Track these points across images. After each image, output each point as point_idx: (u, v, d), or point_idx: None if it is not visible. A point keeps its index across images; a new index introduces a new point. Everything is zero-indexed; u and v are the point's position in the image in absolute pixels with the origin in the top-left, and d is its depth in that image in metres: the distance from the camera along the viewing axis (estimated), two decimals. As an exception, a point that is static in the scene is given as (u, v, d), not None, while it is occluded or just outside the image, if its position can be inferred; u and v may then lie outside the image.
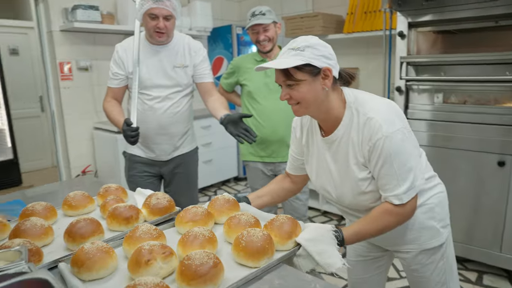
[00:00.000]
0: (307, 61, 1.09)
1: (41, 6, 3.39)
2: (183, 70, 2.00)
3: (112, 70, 2.00)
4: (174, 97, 2.00)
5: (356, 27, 3.50)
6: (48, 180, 4.91)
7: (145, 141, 2.04)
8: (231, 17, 4.92)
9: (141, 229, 1.06)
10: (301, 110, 1.18)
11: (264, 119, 2.26)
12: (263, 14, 2.16)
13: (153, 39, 1.92)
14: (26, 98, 5.20)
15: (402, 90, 2.62)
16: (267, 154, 2.33)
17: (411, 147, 1.14)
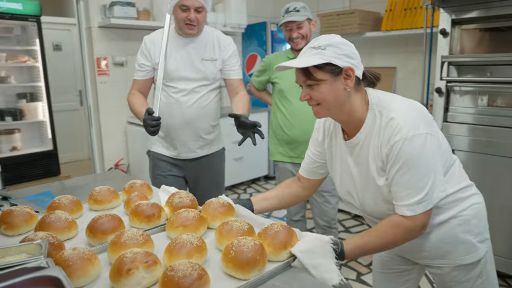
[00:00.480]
0: (328, 60, 1.04)
1: (81, 3, 3.49)
2: (212, 63, 1.94)
3: (138, 61, 1.97)
4: (201, 90, 1.94)
5: (395, 25, 3.35)
6: (84, 171, 5.09)
7: (169, 136, 1.99)
8: (265, 14, 4.87)
9: (127, 235, 1.00)
10: (322, 111, 1.13)
11: (295, 119, 2.21)
12: (297, 10, 2.10)
13: (183, 32, 1.87)
14: (67, 92, 5.41)
15: (442, 92, 2.47)
16: (297, 155, 2.27)
17: (433, 155, 1.04)
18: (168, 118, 1.91)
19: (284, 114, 2.25)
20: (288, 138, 2.25)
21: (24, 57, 4.59)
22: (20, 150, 4.62)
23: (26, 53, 4.64)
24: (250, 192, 4.28)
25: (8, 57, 4.52)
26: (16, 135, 4.62)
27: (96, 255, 0.95)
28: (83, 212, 1.35)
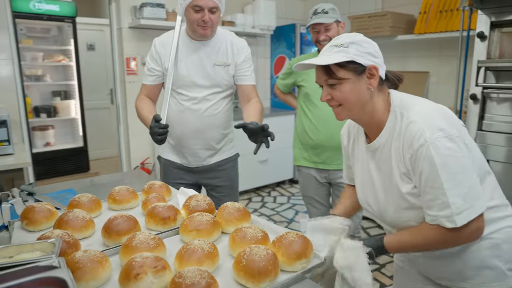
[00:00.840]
0: (351, 58, 1.00)
1: (113, 5, 3.57)
2: (224, 69, 1.82)
3: (148, 66, 1.87)
4: (213, 98, 1.84)
5: (429, 28, 3.22)
6: (112, 168, 5.21)
7: (179, 145, 1.90)
8: (295, 16, 4.82)
9: (138, 238, 0.98)
10: (343, 113, 1.08)
11: (321, 124, 2.15)
12: (325, 12, 2.03)
13: (196, 34, 1.75)
14: (99, 91, 5.56)
15: (478, 98, 2.34)
16: (321, 161, 2.21)
17: (465, 158, 0.95)
18: (177, 126, 1.84)
19: (310, 119, 2.20)
20: (313, 143, 2.20)
21: (59, 57, 4.76)
22: (53, 146, 4.80)
23: (62, 52, 4.81)
24: (274, 196, 4.24)
25: (45, 56, 4.71)
26: (50, 131, 4.80)
27: (107, 258, 0.94)
28: (102, 211, 1.35)
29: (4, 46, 3.01)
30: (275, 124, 4.16)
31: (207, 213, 1.15)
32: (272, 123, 4.14)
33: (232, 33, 1.91)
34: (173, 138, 1.89)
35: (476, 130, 2.38)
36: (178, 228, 1.16)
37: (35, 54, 4.59)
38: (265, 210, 3.79)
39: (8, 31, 3.02)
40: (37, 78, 4.67)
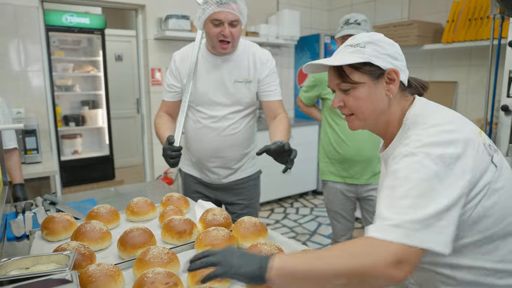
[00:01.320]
0: (368, 59, 0.89)
1: (140, 17, 3.66)
2: (245, 86, 1.71)
3: (167, 81, 1.79)
4: (233, 117, 1.73)
5: (457, 36, 3.13)
6: (136, 176, 5.29)
7: (198, 161, 1.84)
8: (319, 26, 4.80)
9: (152, 252, 0.97)
10: (356, 122, 0.96)
11: (348, 137, 2.09)
12: (358, 23, 1.93)
13: (216, 50, 1.65)
14: (125, 100, 5.69)
15: (510, 110, 2.24)
16: (350, 175, 2.15)
17: (449, 183, 0.77)
18: (196, 144, 1.79)
19: (336, 132, 2.14)
20: (340, 157, 2.13)
21: (88, 67, 4.91)
22: (80, 154, 4.93)
23: (91, 63, 4.97)
24: (297, 207, 4.19)
25: (75, 67, 4.88)
26: (78, 139, 4.94)
27: (120, 272, 0.94)
28: (120, 222, 1.36)
29: (37, 58, 3.13)
30: (298, 134, 4.14)
31: (223, 228, 1.14)
32: (296, 133, 4.11)
33: (255, 45, 1.79)
34: (193, 154, 1.84)
35: (508, 143, 2.27)
36: (193, 242, 1.15)
37: (66, 65, 4.76)
38: (287, 222, 3.74)
39: (41, 44, 3.15)
40: (67, 88, 4.84)
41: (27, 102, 3.12)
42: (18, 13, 2.99)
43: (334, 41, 4.38)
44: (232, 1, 1.55)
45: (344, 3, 4.59)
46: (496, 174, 0.85)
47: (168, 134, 1.57)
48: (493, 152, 0.89)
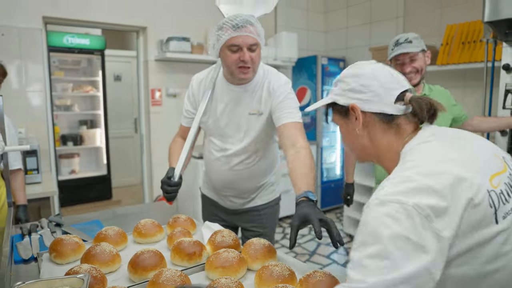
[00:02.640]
0: (333, 99, 0.91)
1: (141, 38, 3.73)
2: (257, 118, 1.58)
3: (185, 106, 1.72)
4: (245, 151, 1.62)
5: (452, 59, 3.22)
6: (134, 196, 5.27)
7: (214, 189, 1.79)
8: (316, 47, 4.90)
9: (165, 275, 0.97)
10: (360, 157, 0.97)
11: None
12: (409, 41, 1.81)
13: (235, 78, 1.51)
14: (124, 120, 5.72)
15: (506, 131, 2.29)
16: None
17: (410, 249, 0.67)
18: (210, 174, 1.74)
19: None
20: None
21: (87, 87, 4.95)
22: (77, 173, 4.92)
23: (90, 83, 5.01)
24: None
25: (74, 87, 4.92)
26: (75, 159, 4.93)
27: (134, 295, 0.94)
28: (127, 244, 1.36)
29: (39, 78, 3.16)
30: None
31: (233, 250, 1.14)
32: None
33: (273, 70, 1.63)
34: (210, 180, 1.79)
35: (505, 163, 2.31)
36: (203, 264, 1.16)
37: (66, 85, 4.80)
38: (286, 242, 3.73)
39: (43, 64, 3.19)
40: (66, 107, 4.86)
41: (28, 122, 3.14)
42: (23, 35, 3.04)
43: (334, 62, 4.50)
44: (248, 23, 1.42)
45: (340, 26, 4.71)
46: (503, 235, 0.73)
47: (175, 164, 1.54)
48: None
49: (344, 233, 3.95)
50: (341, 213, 4.60)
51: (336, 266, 3.21)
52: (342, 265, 3.25)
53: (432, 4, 3.66)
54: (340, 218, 4.44)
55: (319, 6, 4.90)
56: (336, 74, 4.56)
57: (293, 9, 4.66)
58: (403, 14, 3.95)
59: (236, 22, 1.41)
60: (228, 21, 1.43)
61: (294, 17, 4.68)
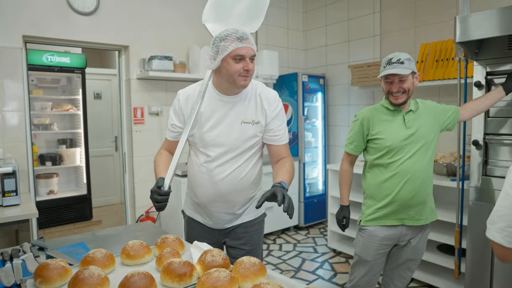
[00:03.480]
0: None
1: (123, 57, 3.73)
2: (253, 127, 1.65)
3: (170, 121, 1.74)
4: (238, 160, 1.67)
5: (427, 76, 3.35)
6: (115, 216, 5.16)
7: (201, 206, 1.78)
8: (297, 65, 5.01)
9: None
10: None
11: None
12: (401, 62, 1.87)
13: (236, 85, 1.58)
14: (103, 138, 5.64)
15: (480, 145, 2.39)
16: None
17: None
18: (198, 188, 1.73)
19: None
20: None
21: (67, 106, 4.88)
22: (56, 193, 4.79)
23: (70, 101, 4.94)
24: (280, 243, 4.18)
25: (53, 105, 4.83)
26: (54, 179, 4.81)
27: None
28: (115, 267, 1.34)
29: (17, 97, 3.11)
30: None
31: (224, 269, 1.15)
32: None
33: (261, 84, 1.74)
34: (196, 197, 1.78)
35: (481, 175, 2.40)
36: (194, 285, 1.15)
37: (44, 103, 4.71)
38: (271, 259, 3.72)
39: (22, 83, 3.14)
40: (44, 126, 4.76)
41: (5, 142, 3.06)
42: (2, 54, 2.99)
43: (314, 79, 4.59)
44: (249, 36, 1.56)
45: (320, 44, 4.84)
46: None
47: (164, 174, 1.55)
48: None
49: (328, 248, 3.97)
50: (325, 228, 4.63)
51: (322, 282, 3.22)
52: (327, 280, 3.26)
53: (407, 24, 3.82)
54: (324, 233, 4.47)
55: (299, 25, 5.03)
56: (317, 91, 4.66)
57: (274, 28, 4.76)
58: (379, 32, 4.10)
59: (240, 34, 1.53)
60: (232, 34, 1.53)
61: (275, 36, 4.78)
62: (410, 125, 1.96)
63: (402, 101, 1.93)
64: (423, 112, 2.02)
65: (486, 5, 3.00)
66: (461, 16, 2.25)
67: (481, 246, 2.39)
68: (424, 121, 1.99)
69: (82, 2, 3.34)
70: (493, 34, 2.11)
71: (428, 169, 2.00)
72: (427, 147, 1.98)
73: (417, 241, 2.08)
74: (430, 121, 2.01)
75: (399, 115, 1.99)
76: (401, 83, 1.89)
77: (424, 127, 1.98)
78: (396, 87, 1.90)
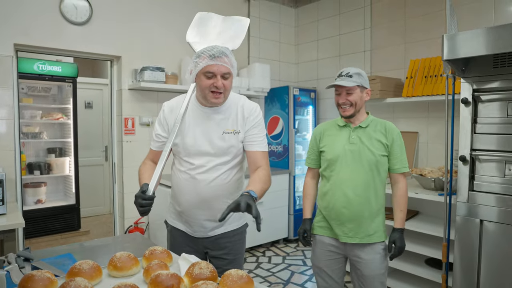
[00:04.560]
0: None
1: (115, 68, 3.73)
2: (234, 136, 1.73)
3: (155, 131, 1.82)
4: (221, 168, 1.73)
5: (416, 91, 3.41)
6: (103, 227, 5.10)
7: (184, 213, 1.81)
8: (288, 78, 5.06)
9: None
10: None
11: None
12: (349, 76, 1.96)
13: (208, 101, 1.67)
14: (93, 147, 5.61)
15: (467, 160, 2.43)
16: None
17: None
18: (183, 196, 1.77)
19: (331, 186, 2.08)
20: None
21: (57, 115, 4.85)
22: (44, 203, 4.72)
23: (60, 110, 4.91)
24: (269, 255, 4.16)
25: (43, 114, 4.79)
26: (42, 188, 4.75)
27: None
28: (102, 278, 1.33)
29: (7, 105, 3.09)
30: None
31: (212, 282, 1.14)
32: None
33: (244, 97, 1.83)
34: (179, 205, 1.82)
35: (468, 190, 2.44)
36: (181, 298, 1.15)
37: (34, 112, 4.67)
38: (260, 271, 3.70)
39: (13, 91, 3.12)
40: (33, 135, 4.72)
41: (-7, 151, 3.03)
42: (-8, 63, 2.98)
43: (305, 93, 4.64)
44: (224, 55, 1.62)
45: (311, 58, 4.91)
46: None
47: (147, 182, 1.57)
48: None
49: (318, 261, 3.96)
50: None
51: (311, 295, 3.21)
52: (316, 293, 3.24)
53: (397, 40, 3.90)
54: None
55: (291, 39, 5.10)
56: (308, 104, 4.71)
57: (265, 41, 4.82)
58: (370, 48, 4.18)
59: (213, 52, 1.62)
60: (206, 51, 1.63)
61: (266, 49, 4.84)
62: (354, 141, 1.99)
63: (349, 114, 1.99)
64: (378, 131, 2.01)
65: (473, 24, 3.09)
66: (448, 34, 2.31)
67: (468, 260, 2.41)
68: (373, 140, 1.99)
69: (75, 12, 3.35)
70: (479, 53, 2.16)
71: (369, 187, 1.97)
72: (373, 165, 1.96)
73: (367, 254, 1.99)
74: (379, 143, 1.99)
75: (346, 130, 2.05)
76: (347, 96, 1.96)
77: (371, 145, 1.97)
78: (343, 99, 1.98)
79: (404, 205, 2.05)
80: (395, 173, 2.04)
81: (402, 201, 2.05)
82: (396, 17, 3.89)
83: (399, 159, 2.01)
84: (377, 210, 2.01)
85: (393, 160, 2.02)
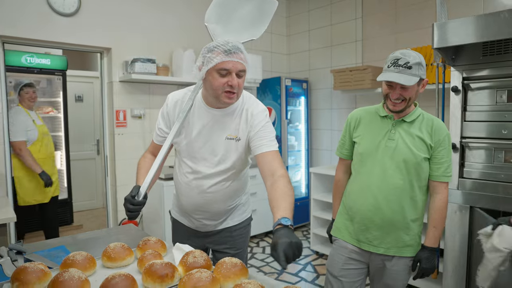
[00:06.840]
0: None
1: (105, 60, 3.69)
2: (235, 143, 1.58)
3: (158, 124, 1.69)
4: (218, 176, 1.62)
5: (407, 81, 3.42)
6: (96, 221, 5.08)
7: (185, 212, 1.77)
8: (280, 69, 5.05)
9: None
10: None
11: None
12: (408, 67, 1.57)
13: (220, 101, 1.50)
14: (85, 141, 5.55)
15: (457, 147, 2.46)
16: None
17: None
18: (182, 197, 1.72)
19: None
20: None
21: (48, 108, 4.79)
22: (36, 198, 4.66)
23: (50, 104, 4.85)
24: (263, 246, 4.19)
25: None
26: (33, 183, 4.68)
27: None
28: (96, 269, 1.33)
29: (-6, 100, 3.04)
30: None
31: (205, 270, 1.15)
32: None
33: (252, 98, 1.65)
34: (180, 202, 1.77)
35: (458, 177, 2.47)
36: (176, 286, 1.15)
37: (23, 106, 4.60)
38: (254, 262, 3.73)
39: (0, 85, 3.07)
40: (23, 129, 4.65)
41: (-18, 145, 2.99)
42: (-21, 56, 2.93)
43: (297, 83, 4.65)
44: (239, 50, 1.46)
45: (302, 48, 4.90)
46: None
47: (140, 182, 1.52)
48: None
49: (311, 250, 4.00)
50: (308, 231, 4.66)
51: (305, 284, 3.24)
52: (310, 282, 3.28)
53: (388, 30, 3.90)
54: (307, 236, 4.50)
55: (282, 30, 5.08)
56: (300, 95, 4.71)
57: (257, 32, 4.79)
58: (361, 38, 4.18)
59: (228, 47, 1.43)
60: (220, 46, 1.44)
61: (258, 40, 4.78)
62: (394, 136, 1.71)
63: (399, 109, 1.67)
64: (423, 128, 1.71)
65: (464, 13, 3.10)
66: (438, 23, 2.32)
67: (458, 246, 2.45)
68: (416, 138, 1.70)
69: (63, 3, 3.29)
70: (469, 40, 2.18)
71: (404, 193, 1.68)
72: (412, 167, 1.68)
73: (392, 265, 1.76)
74: (422, 142, 1.70)
75: (386, 122, 1.75)
76: (402, 91, 1.62)
77: (412, 144, 1.69)
78: (396, 94, 1.63)
79: (439, 220, 1.72)
80: (434, 181, 1.71)
81: (437, 216, 1.72)
82: (387, 6, 3.90)
83: (442, 164, 1.69)
84: (412, 221, 1.72)
85: (434, 165, 1.70)
